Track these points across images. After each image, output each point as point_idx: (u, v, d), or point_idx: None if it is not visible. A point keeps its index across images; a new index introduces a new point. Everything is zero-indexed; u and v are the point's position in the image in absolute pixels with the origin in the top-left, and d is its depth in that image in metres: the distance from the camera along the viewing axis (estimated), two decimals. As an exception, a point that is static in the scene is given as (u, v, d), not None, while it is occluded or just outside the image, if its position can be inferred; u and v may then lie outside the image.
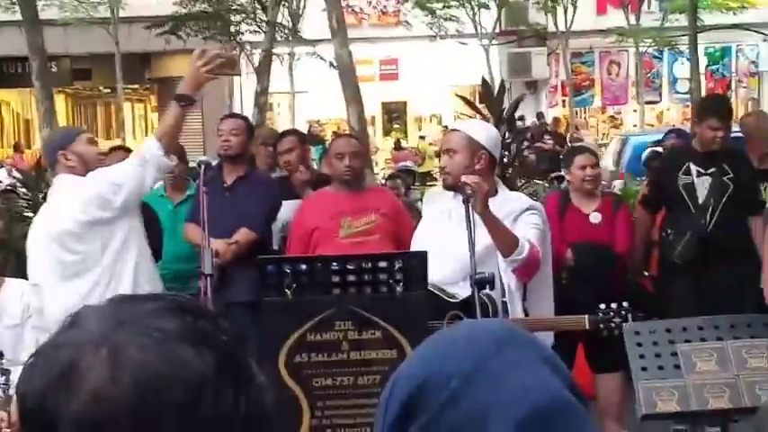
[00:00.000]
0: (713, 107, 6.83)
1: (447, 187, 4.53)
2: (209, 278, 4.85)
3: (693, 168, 6.47)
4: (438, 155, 5.00)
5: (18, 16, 11.61)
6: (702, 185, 6.44)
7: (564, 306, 5.30)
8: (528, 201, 4.83)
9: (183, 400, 1.00)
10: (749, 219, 6.48)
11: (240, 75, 4.91)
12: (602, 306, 4.42)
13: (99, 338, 1.02)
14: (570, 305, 5.32)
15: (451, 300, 4.21)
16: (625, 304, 4.42)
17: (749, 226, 6.44)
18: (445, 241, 4.28)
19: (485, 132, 4.69)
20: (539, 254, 4.45)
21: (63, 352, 1.03)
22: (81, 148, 4.76)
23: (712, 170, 6.42)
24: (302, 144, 7.20)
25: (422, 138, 24.30)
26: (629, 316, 4.36)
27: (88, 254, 4.61)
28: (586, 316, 4.40)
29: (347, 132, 9.50)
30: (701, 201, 6.42)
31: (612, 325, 4.37)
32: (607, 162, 15.08)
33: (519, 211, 4.51)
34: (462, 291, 4.23)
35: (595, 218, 6.16)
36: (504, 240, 4.30)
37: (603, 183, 8.49)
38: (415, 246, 4.57)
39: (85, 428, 0.99)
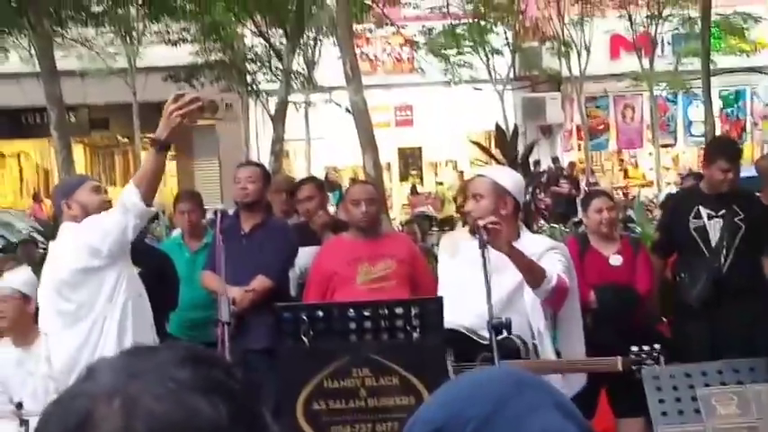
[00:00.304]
0: (723, 149, 6.84)
1: (473, 231, 4.52)
2: (226, 326, 4.85)
3: (704, 211, 6.48)
4: (455, 200, 4.95)
5: (36, 68, 11.74)
6: (714, 228, 6.45)
7: (588, 349, 5.32)
8: (551, 242, 4.86)
9: None
10: (763, 258, 6.52)
11: (222, 118, 4.60)
12: (635, 348, 4.40)
13: (113, 389, 1.02)
14: (594, 348, 5.34)
15: (483, 341, 4.21)
16: (657, 346, 4.39)
17: (762, 265, 6.48)
18: (472, 286, 4.28)
19: (510, 178, 4.74)
20: (566, 282, 4.49)
21: (78, 402, 1.03)
22: (84, 196, 4.75)
23: (723, 212, 6.43)
24: (321, 191, 7.25)
25: (440, 183, 24.35)
26: (662, 358, 4.32)
27: (82, 302, 4.59)
28: (619, 358, 4.36)
29: (363, 179, 9.53)
30: (713, 243, 6.43)
31: (646, 367, 4.34)
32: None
33: (542, 251, 4.53)
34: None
35: (616, 260, 6.18)
36: (532, 272, 4.33)
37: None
38: (443, 291, 4.58)
39: None
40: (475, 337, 4.20)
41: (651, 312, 6.44)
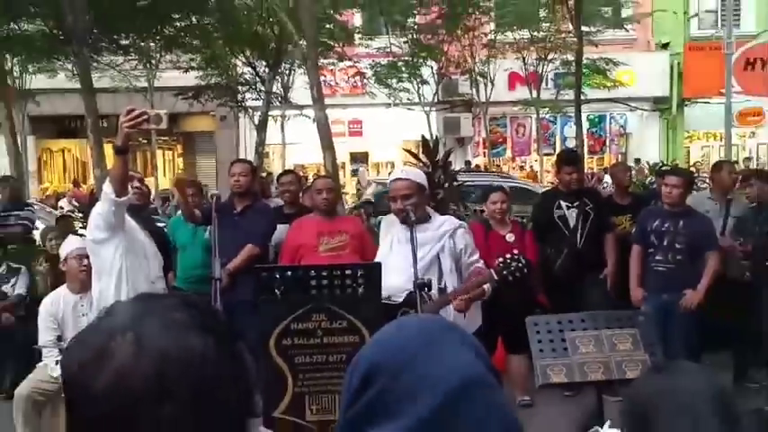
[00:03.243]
0: (565, 159, 7.14)
1: (406, 222, 4.43)
2: (218, 281, 4.80)
3: (563, 204, 6.75)
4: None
5: (78, 85, 11.51)
6: (572, 215, 6.69)
7: (496, 302, 5.46)
8: (456, 221, 4.82)
9: (188, 374, 0.99)
10: (605, 236, 6.78)
11: (164, 128, 4.33)
12: (500, 259, 4.40)
13: (126, 326, 1.01)
14: (503, 305, 5.49)
15: (395, 302, 4.19)
16: (516, 252, 4.45)
17: (606, 241, 6.76)
18: (397, 260, 4.27)
19: (422, 177, 4.71)
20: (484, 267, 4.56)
21: (97, 336, 1.01)
22: None
23: (577, 203, 6.69)
24: (299, 181, 7.32)
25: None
26: (522, 259, 4.34)
27: (97, 264, 4.53)
28: (492, 269, 4.35)
29: (324, 174, 9.50)
30: (572, 226, 6.66)
31: (513, 268, 4.32)
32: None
33: (452, 228, 4.52)
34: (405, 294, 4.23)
35: (510, 237, 6.33)
36: (481, 285, 4.38)
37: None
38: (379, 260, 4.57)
39: (112, 394, 0.97)
40: (389, 302, 4.18)
41: (535, 282, 6.53)
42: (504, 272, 4.28)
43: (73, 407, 1.01)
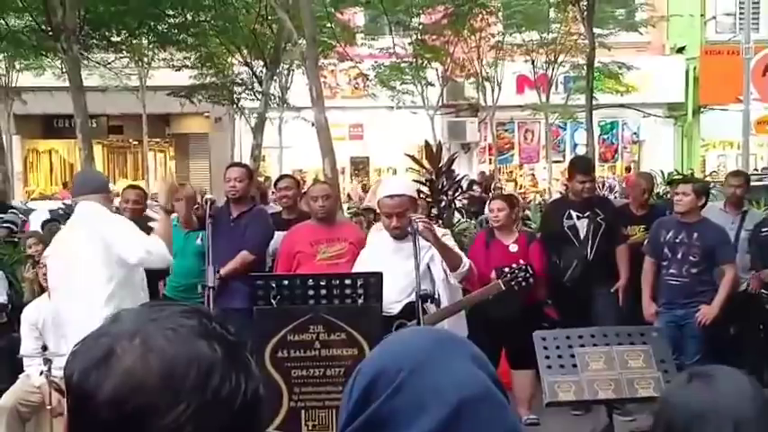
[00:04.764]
0: (578, 166, 7.07)
1: (400, 237, 4.46)
2: (211, 290, 4.79)
3: (574, 213, 6.70)
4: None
5: (67, 83, 11.54)
6: (582, 226, 6.64)
7: (491, 321, 5.43)
8: (441, 229, 4.88)
9: (196, 380, 0.99)
10: (617, 248, 6.73)
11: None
12: (507, 269, 4.44)
13: (134, 330, 1.02)
14: (500, 319, 5.45)
15: (389, 313, 4.20)
16: (522, 262, 4.46)
17: (616, 253, 6.70)
18: (387, 271, 4.26)
19: (413, 188, 4.76)
20: (474, 267, 4.56)
21: (103, 340, 1.02)
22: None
23: (588, 213, 6.64)
24: (297, 186, 7.29)
25: (381, 185, 24.23)
26: (530, 269, 4.38)
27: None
28: (500, 280, 4.42)
29: (323, 179, 9.51)
30: (582, 237, 6.61)
31: (520, 278, 4.37)
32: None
33: (441, 235, 4.58)
34: (401, 305, 4.24)
35: (514, 248, 6.27)
36: (453, 259, 4.35)
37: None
38: (359, 268, 4.56)
39: (118, 400, 0.98)
40: (384, 314, 4.18)
41: (541, 294, 6.50)
42: (512, 282, 4.34)
43: (77, 413, 1.01)
